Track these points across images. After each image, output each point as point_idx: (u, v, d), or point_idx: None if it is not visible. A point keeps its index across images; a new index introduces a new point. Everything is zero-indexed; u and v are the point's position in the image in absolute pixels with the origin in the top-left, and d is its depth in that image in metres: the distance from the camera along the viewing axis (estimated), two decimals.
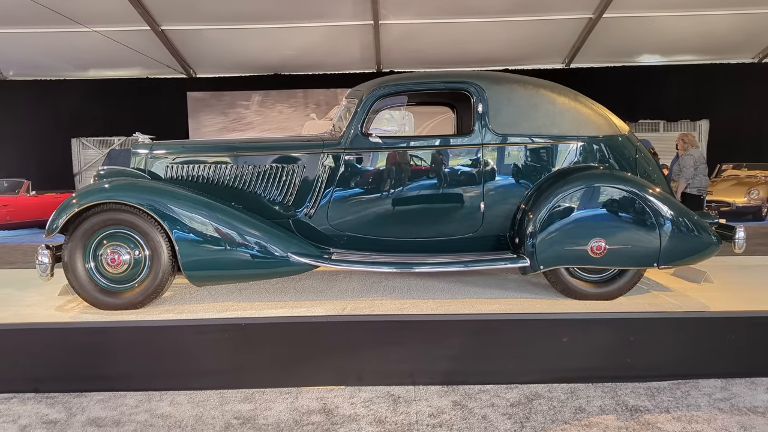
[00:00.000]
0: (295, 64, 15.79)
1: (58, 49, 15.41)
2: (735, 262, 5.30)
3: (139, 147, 4.48)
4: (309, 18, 13.74)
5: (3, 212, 13.09)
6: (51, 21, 13.40)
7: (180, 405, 3.44)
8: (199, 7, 13.42)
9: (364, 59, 15.64)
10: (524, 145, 4.15)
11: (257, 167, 4.30)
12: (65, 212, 3.90)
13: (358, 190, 4.18)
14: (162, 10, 13.68)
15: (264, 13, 13.49)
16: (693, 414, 3.19)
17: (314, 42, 14.72)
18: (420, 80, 4.30)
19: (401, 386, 3.64)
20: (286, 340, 3.68)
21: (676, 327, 3.63)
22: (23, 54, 15.67)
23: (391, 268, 3.99)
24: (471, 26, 14.05)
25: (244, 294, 4.41)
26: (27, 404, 3.49)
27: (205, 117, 16.66)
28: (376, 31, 14.17)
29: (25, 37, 14.79)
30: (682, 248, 3.94)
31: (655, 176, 4.30)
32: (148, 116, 16.70)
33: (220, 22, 13.98)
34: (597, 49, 15.34)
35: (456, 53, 15.21)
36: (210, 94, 16.69)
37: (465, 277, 4.74)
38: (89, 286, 3.98)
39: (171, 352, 3.66)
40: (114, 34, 14.15)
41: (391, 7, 13.26)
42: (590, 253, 3.89)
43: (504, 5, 13.32)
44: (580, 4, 13.50)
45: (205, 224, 3.95)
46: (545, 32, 14.48)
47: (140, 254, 3.99)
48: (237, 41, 14.80)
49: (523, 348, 3.68)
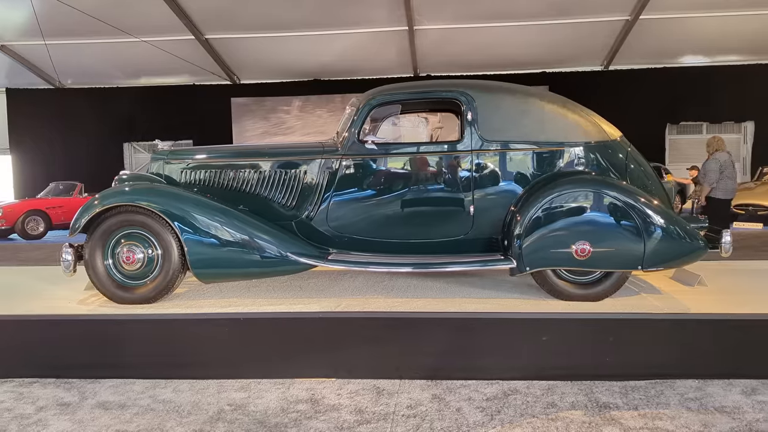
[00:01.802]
0: (333, 69, 16.17)
1: (112, 58, 16.21)
2: (742, 267, 5.30)
3: (157, 153, 4.84)
4: (345, 25, 14.09)
5: (58, 213, 13.86)
6: (104, 32, 14.14)
7: (181, 392, 3.74)
8: (240, 16, 13.93)
9: (401, 64, 15.89)
10: (513, 151, 4.30)
11: (262, 172, 4.59)
12: (87, 213, 4.28)
13: (355, 194, 4.42)
14: (205, 19, 14.27)
15: (302, 21, 13.91)
16: (659, 412, 3.29)
17: (351, 48, 15.06)
18: (413, 89, 4.51)
19: (388, 380, 3.85)
20: (281, 334, 3.95)
21: (652, 328, 3.72)
22: (80, 64, 16.54)
23: (381, 267, 4.21)
24: (506, 30, 14.13)
25: (252, 291, 4.71)
26: (47, 388, 3.85)
27: (247, 122, 17.23)
28: (411, 37, 14.39)
29: (81, 48, 15.64)
30: (667, 252, 4.02)
31: (647, 181, 4.38)
32: (194, 121, 17.39)
33: (260, 31, 14.48)
34: (637, 51, 15.16)
35: (492, 57, 15.30)
36: (252, 99, 17.25)
37: (462, 277, 4.91)
38: (107, 282, 4.34)
39: (176, 344, 3.98)
40: (162, 43, 14.82)
41: (425, 13, 13.46)
42: (575, 256, 4.02)
43: (538, 9, 13.34)
44: (616, 6, 13.40)
45: (211, 226, 4.26)
46: (582, 34, 14.41)
47: (153, 253, 4.33)
48: (277, 48, 15.27)
49: (505, 346, 3.83)
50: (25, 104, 18.25)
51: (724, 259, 4.39)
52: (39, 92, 18.17)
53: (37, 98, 18.20)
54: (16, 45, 15.83)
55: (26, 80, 17.75)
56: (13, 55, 16.24)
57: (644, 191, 4.27)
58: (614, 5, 13.37)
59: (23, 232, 13.15)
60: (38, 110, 18.11)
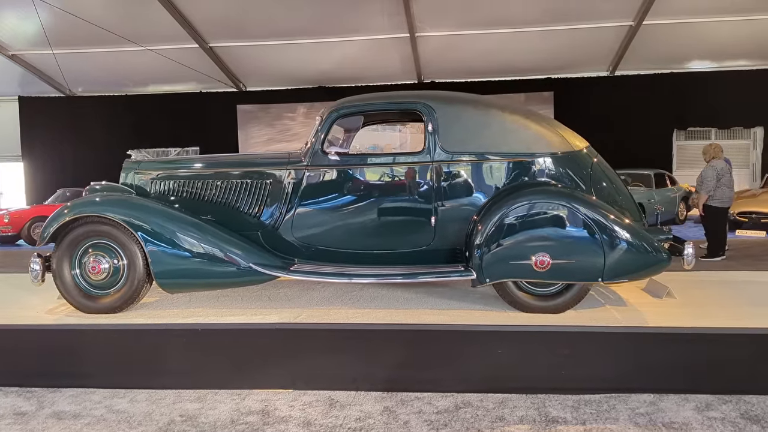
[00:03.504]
0: (337, 76, 16.22)
1: (120, 67, 16.42)
2: (720, 278, 5.23)
3: (128, 164, 4.90)
4: (347, 32, 14.14)
5: None
6: (111, 42, 14.33)
7: (138, 402, 3.77)
8: (243, 25, 14.05)
9: (405, 71, 15.89)
10: (475, 163, 4.28)
11: (229, 182, 4.62)
12: (54, 223, 4.34)
13: (318, 205, 4.43)
14: (209, 28, 14.41)
15: (304, 29, 13.99)
16: (606, 427, 3.25)
17: (354, 55, 15.10)
18: (375, 101, 4.51)
19: (344, 391, 3.85)
20: (238, 345, 3.96)
21: (608, 341, 3.68)
22: (89, 72, 16.77)
23: (342, 279, 4.21)
24: (508, 36, 14.07)
25: (219, 301, 4.74)
26: (8, 397, 3.90)
27: (253, 129, 17.34)
28: (414, 43, 14.39)
29: (89, 57, 15.86)
30: (628, 264, 3.98)
31: (612, 192, 4.34)
32: (201, 128, 17.56)
33: (264, 39, 14.58)
34: (643, 56, 15.00)
35: (496, 63, 15.26)
36: (258, 106, 17.36)
37: (431, 288, 4.90)
38: (74, 292, 4.39)
39: (135, 354, 4.01)
40: (168, 52, 14.98)
41: (427, 20, 13.46)
42: (534, 268, 3.99)
43: (539, 15, 13.27)
44: (619, 11, 13.27)
45: (175, 236, 4.29)
46: (585, 40, 14.31)
47: (119, 263, 4.37)
48: (281, 56, 15.37)
49: (460, 358, 3.82)
50: (37, 112, 18.53)
51: (714, 270, 4.32)
52: (50, 100, 18.45)
53: (48, 106, 18.47)
54: (27, 54, 16.10)
55: (38, 89, 18.04)
56: (24, 64, 16.51)
57: (609, 202, 4.24)
58: (617, 11, 13.25)
59: (29, 239, 13.33)
60: (49, 118, 18.38)
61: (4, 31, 14.83)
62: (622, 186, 4.50)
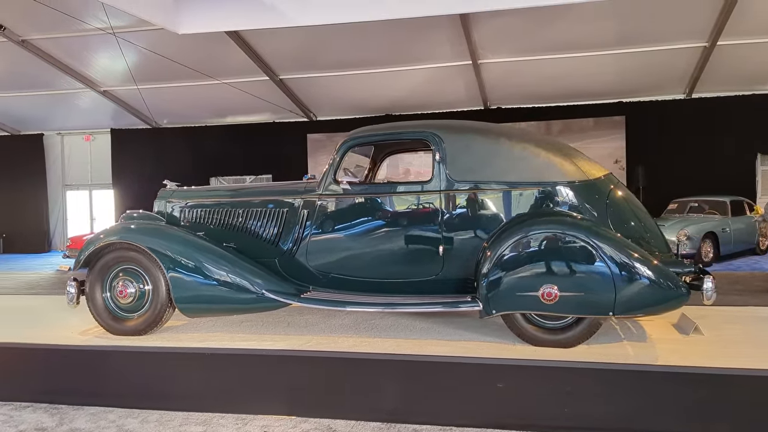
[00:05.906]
0: (404, 104, 16.39)
1: (199, 100, 17.35)
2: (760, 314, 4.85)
3: (161, 193, 5.17)
4: (411, 62, 14.32)
5: None
6: (190, 77, 15.23)
7: (148, 423, 3.92)
8: (311, 57, 14.53)
9: (471, 97, 15.86)
10: (483, 192, 4.23)
11: (249, 211, 4.79)
12: (87, 249, 4.63)
13: (330, 233, 4.50)
14: (279, 62, 14.99)
15: (368, 60, 14.30)
16: None
17: (419, 84, 15.24)
18: (385, 131, 4.56)
19: (344, 420, 3.85)
20: (244, 370, 4.06)
21: (612, 379, 3.50)
22: (173, 105, 17.83)
23: (350, 307, 4.24)
24: (574, 61, 13.77)
25: (241, 326, 4.87)
26: (36, 413, 4.16)
27: (321, 156, 17.74)
28: (477, 70, 14.36)
29: (172, 91, 16.86)
30: (642, 298, 3.79)
31: (634, 222, 4.16)
32: (274, 156, 18.17)
33: (330, 70, 15.00)
34: (721, 77, 14.26)
35: (562, 88, 14.96)
36: (326, 135, 17.79)
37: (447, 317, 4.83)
38: (104, 314, 4.66)
39: (150, 375, 4.18)
40: (242, 84, 15.71)
41: (488, 46, 13.41)
42: (541, 299, 3.87)
43: (608, 38, 12.92)
44: (691, 33, 12.72)
45: (194, 263, 4.48)
46: (657, 63, 13.77)
47: (144, 288, 4.60)
48: (348, 86, 15.74)
49: (461, 391, 3.74)
50: (126, 143, 19.83)
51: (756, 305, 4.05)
52: (138, 131, 19.71)
53: (136, 137, 19.74)
54: (117, 90, 17.30)
55: (128, 121, 19.33)
56: (115, 99, 17.76)
57: (629, 232, 4.06)
58: (689, 32, 12.71)
59: None
60: (137, 148, 19.62)
61: (97, 70, 16.04)
62: (646, 216, 4.30)
